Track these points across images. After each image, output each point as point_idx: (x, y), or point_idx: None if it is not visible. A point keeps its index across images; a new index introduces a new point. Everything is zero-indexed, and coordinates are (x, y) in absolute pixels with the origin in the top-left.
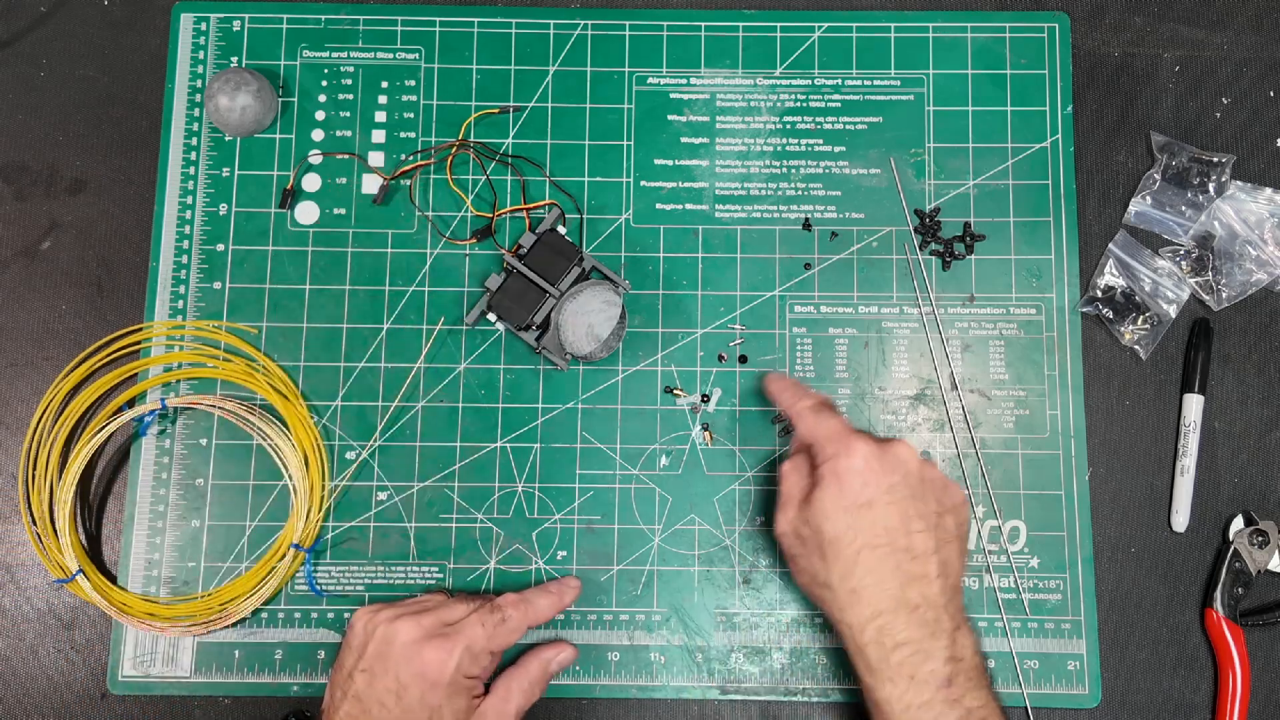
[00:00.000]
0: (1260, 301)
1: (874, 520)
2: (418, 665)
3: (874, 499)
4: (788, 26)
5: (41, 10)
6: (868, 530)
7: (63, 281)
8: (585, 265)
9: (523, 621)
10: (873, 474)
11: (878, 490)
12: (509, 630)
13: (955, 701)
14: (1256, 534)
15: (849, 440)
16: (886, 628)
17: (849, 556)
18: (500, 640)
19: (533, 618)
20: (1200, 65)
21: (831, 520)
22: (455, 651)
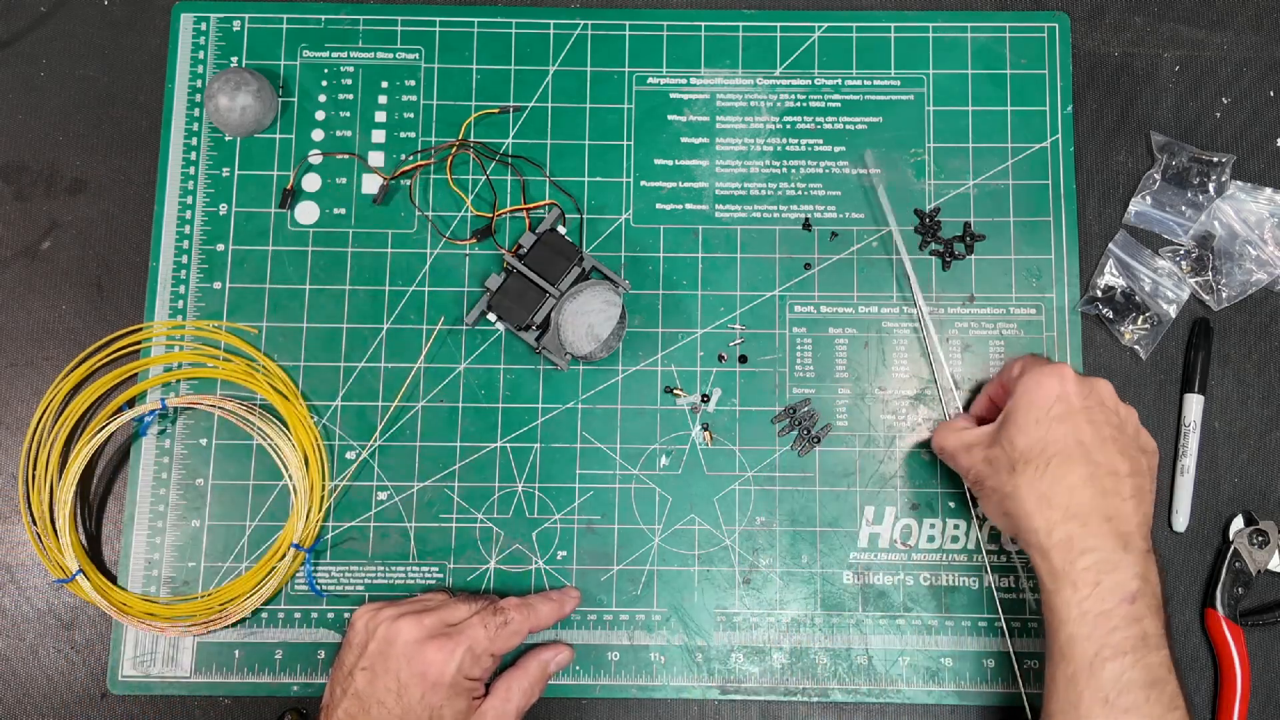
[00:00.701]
0: (1260, 301)
1: (1068, 433)
2: (419, 665)
3: (1070, 415)
4: (788, 26)
5: (41, 10)
6: (1060, 440)
7: (63, 281)
8: (585, 265)
9: (524, 625)
10: (1072, 395)
11: (1075, 409)
12: (511, 633)
13: (1136, 620)
14: (1256, 534)
15: (1052, 365)
16: (1076, 534)
17: (1039, 464)
18: (502, 643)
19: (534, 622)
20: (1200, 65)
21: (1025, 433)
22: (457, 652)
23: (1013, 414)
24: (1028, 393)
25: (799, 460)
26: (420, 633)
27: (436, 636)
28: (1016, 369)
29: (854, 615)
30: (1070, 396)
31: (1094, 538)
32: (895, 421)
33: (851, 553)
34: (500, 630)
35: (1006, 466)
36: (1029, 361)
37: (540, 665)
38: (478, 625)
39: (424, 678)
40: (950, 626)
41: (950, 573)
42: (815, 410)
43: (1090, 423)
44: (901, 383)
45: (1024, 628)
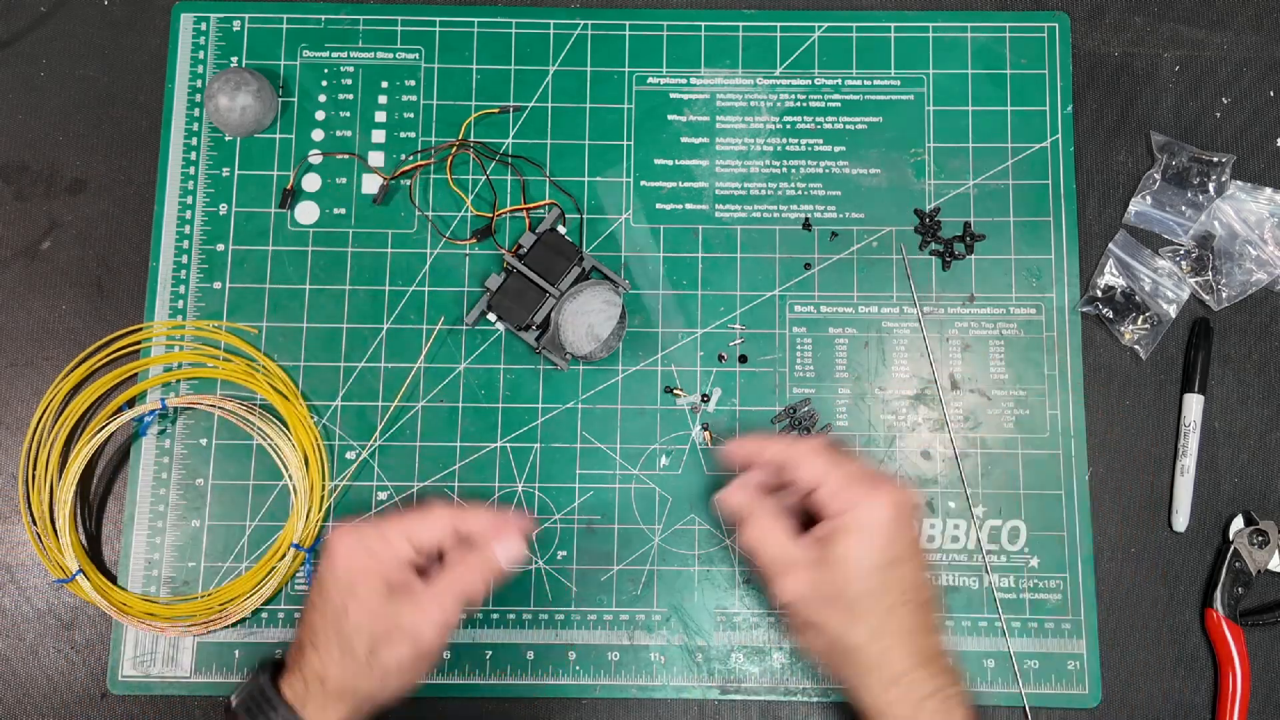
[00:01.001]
0: (1260, 301)
1: (904, 575)
2: (326, 559)
3: (902, 555)
4: (788, 26)
5: (41, 10)
6: (897, 586)
7: (63, 281)
8: (585, 265)
9: (446, 516)
10: (901, 525)
11: (904, 546)
12: (427, 520)
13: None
14: (1256, 534)
15: (874, 486)
16: (916, 681)
17: (881, 613)
18: (415, 527)
19: (459, 521)
20: (1200, 65)
21: (861, 579)
22: (357, 532)
23: (848, 556)
24: (865, 529)
25: None
26: (337, 534)
27: (347, 530)
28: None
29: None
30: (902, 529)
31: (930, 680)
32: (895, 421)
33: None
34: (416, 515)
35: (844, 610)
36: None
37: (481, 563)
38: (392, 513)
39: (332, 572)
40: (950, 626)
41: (950, 573)
42: (815, 410)
43: (916, 554)
44: (901, 383)
45: (1024, 628)
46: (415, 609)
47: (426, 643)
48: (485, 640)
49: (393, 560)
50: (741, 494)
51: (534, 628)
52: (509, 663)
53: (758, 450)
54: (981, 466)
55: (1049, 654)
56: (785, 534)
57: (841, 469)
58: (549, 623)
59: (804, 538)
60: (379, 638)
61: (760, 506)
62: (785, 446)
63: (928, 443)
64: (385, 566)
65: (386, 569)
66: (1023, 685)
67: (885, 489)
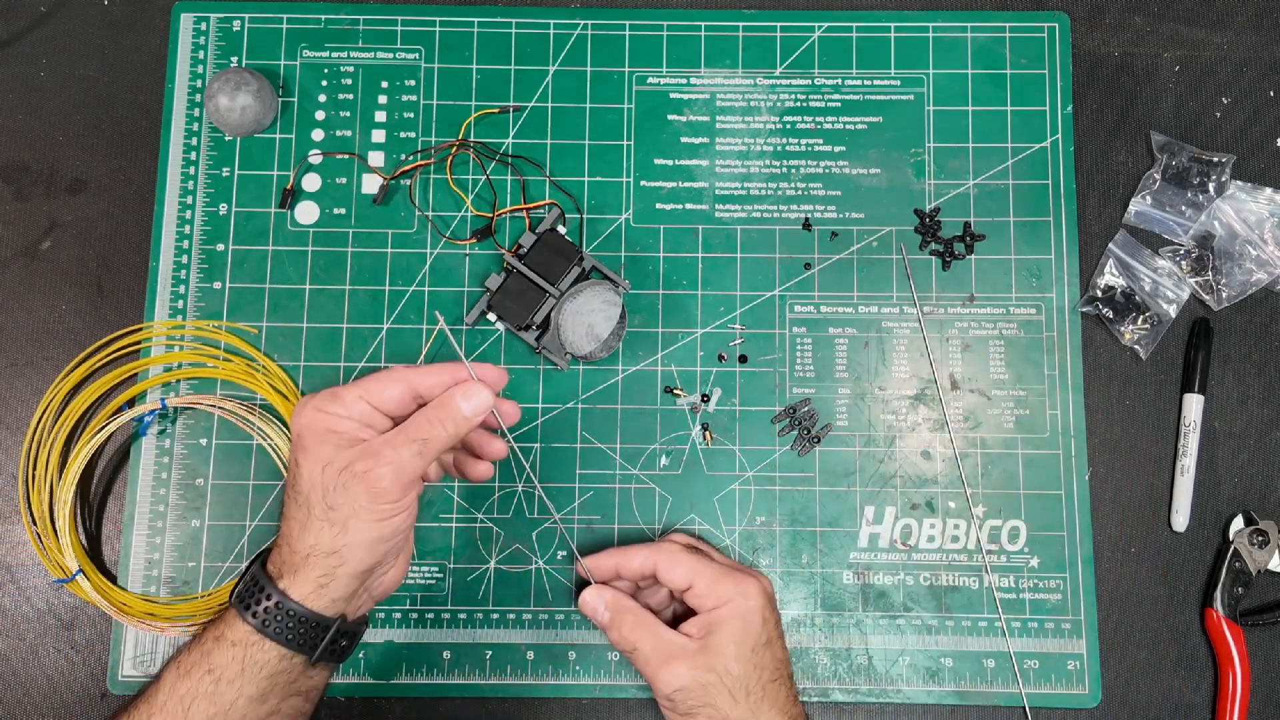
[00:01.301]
0: (1260, 301)
1: (775, 654)
2: (294, 424)
3: (772, 636)
4: (788, 26)
5: (41, 10)
6: (771, 664)
7: (63, 281)
8: (585, 265)
9: (402, 373)
10: (769, 610)
11: (773, 627)
12: (383, 379)
13: None
14: (1256, 534)
15: (741, 580)
16: None
17: (757, 693)
18: (371, 386)
19: (415, 380)
20: (1200, 65)
21: (741, 662)
22: (314, 398)
23: (726, 644)
24: (740, 618)
25: (799, 460)
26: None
27: None
28: (692, 566)
29: (854, 615)
30: (769, 614)
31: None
32: (895, 421)
33: (851, 553)
34: (374, 375)
35: (726, 690)
36: (719, 572)
37: (447, 402)
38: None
39: (296, 433)
40: (950, 626)
41: (950, 573)
42: (815, 410)
43: (780, 635)
44: (901, 383)
45: (1024, 628)
46: (368, 454)
47: (383, 488)
48: (485, 640)
49: (346, 418)
50: (608, 594)
51: (534, 628)
52: (509, 663)
53: (622, 563)
54: (981, 466)
55: (1049, 654)
56: (658, 625)
57: (708, 568)
58: (549, 623)
59: (683, 629)
60: (332, 486)
61: (629, 604)
62: (647, 554)
63: (928, 443)
64: (338, 423)
65: (339, 424)
66: (1023, 685)
67: (751, 581)
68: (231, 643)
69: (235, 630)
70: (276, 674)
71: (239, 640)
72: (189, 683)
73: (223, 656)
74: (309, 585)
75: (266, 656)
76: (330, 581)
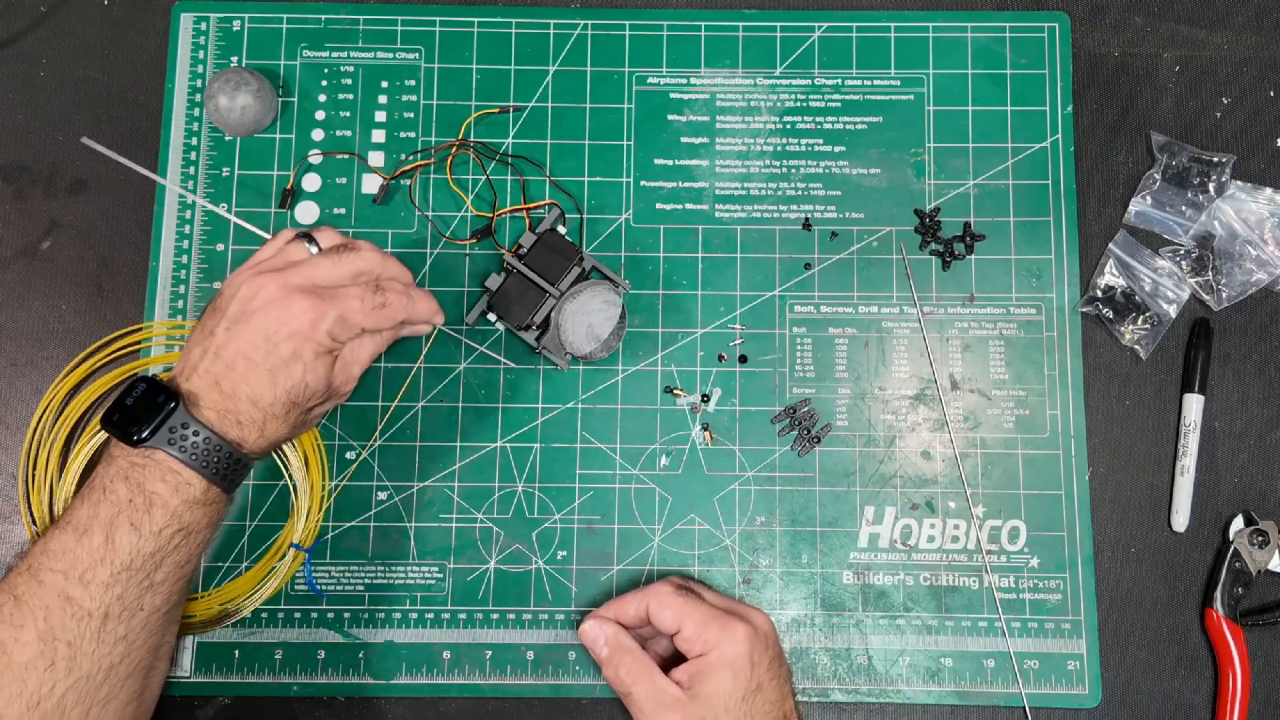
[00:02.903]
0: (1260, 301)
1: (767, 697)
2: (286, 318)
3: (763, 680)
4: (788, 26)
5: (41, 10)
6: (762, 709)
7: (63, 281)
8: (585, 265)
9: (400, 313)
10: (758, 654)
11: (764, 670)
12: (385, 315)
13: None
14: (1256, 534)
15: (728, 625)
16: None
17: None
18: (374, 320)
19: (411, 311)
20: (1200, 65)
21: (731, 712)
22: (329, 314)
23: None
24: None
25: (799, 460)
26: (283, 289)
27: (305, 292)
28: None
29: (854, 615)
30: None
31: None
32: (895, 421)
33: (851, 553)
34: (375, 309)
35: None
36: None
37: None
38: (354, 297)
39: (293, 331)
40: (950, 626)
41: (950, 573)
42: (815, 410)
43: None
44: (901, 383)
45: (1024, 628)
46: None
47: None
48: (485, 640)
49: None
50: (609, 630)
51: (534, 628)
52: (509, 663)
53: (617, 613)
54: (981, 466)
55: (1049, 654)
56: (654, 672)
57: (696, 611)
58: (549, 623)
59: (673, 676)
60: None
61: (630, 645)
62: (640, 599)
63: (928, 443)
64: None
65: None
66: (1023, 685)
67: (738, 625)
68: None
69: (157, 467)
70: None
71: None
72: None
73: (167, 498)
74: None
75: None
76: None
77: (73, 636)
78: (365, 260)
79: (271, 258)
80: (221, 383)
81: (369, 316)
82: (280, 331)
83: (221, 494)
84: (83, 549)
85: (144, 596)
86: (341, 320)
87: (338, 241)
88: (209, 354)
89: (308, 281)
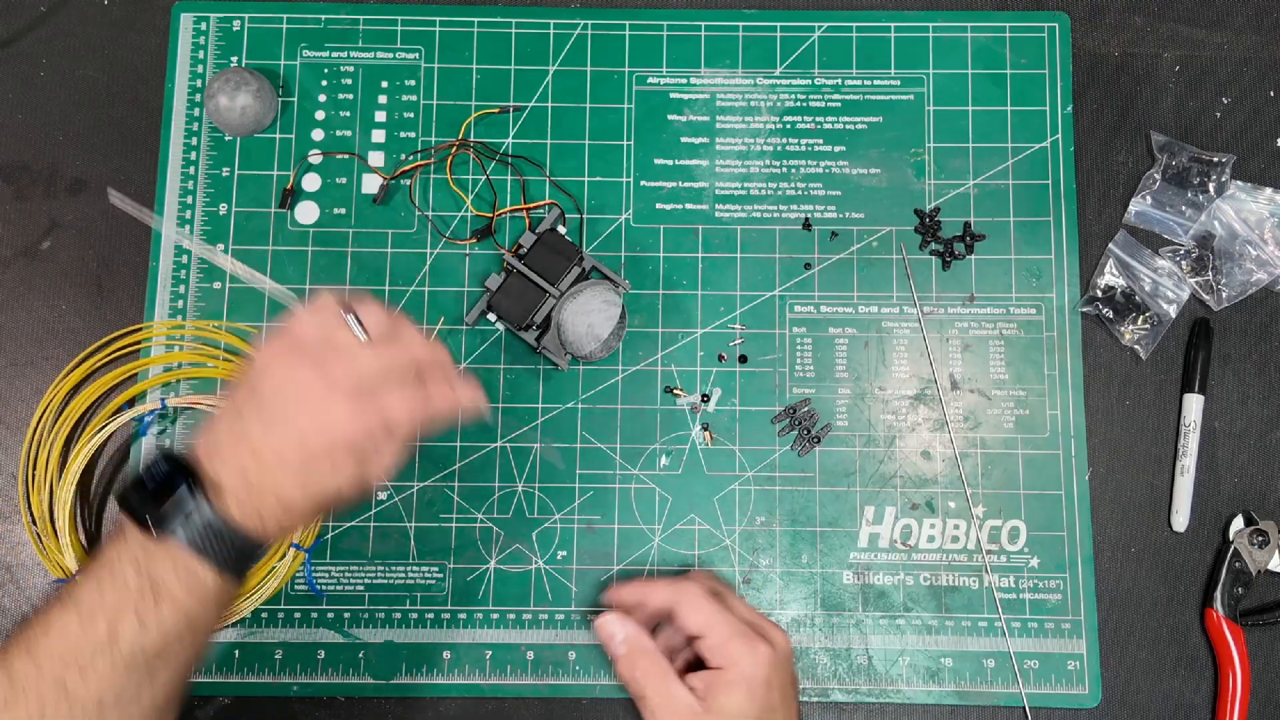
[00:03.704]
0: (1260, 301)
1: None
2: (326, 423)
3: (776, 704)
4: (788, 26)
5: (41, 10)
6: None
7: (63, 281)
8: (585, 265)
9: (446, 411)
10: (776, 677)
11: (778, 695)
12: (429, 416)
13: None
14: (1256, 534)
15: (753, 643)
16: None
17: None
18: (419, 426)
19: (455, 406)
20: (1200, 65)
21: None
22: (371, 422)
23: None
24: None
25: (799, 460)
26: (327, 387)
27: (349, 396)
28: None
29: (854, 615)
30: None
31: None
32: (895, 421)
33: (851, 553)
34: (421, 407)
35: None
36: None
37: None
38: (398, 401)
39: (332, 439)
40: (950, 626)
41: (950, 573)
42: (815, 410)
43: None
44: (901, 383)
45: (1024, 628)
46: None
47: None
48: (485, 640)
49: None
50: (630, 628)
51: (534, 628)
52: (509, 663)
53: (643, 597)
54: (981, 466)
55: (1049, 654)
56: (670, 677)
57: (724, 622)
58: (549, 623)
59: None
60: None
61: (648, 646)
62: (670, 593)
63: (928, 443)
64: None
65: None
66: (1023, 685)
67: (762, 646)
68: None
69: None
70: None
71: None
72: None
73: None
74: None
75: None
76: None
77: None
78: (411, 350)
79: (312, 334)
80: (249, 476)
81: (412, 423)
82: (318, 437)
83: (233, 582)
84: (85, 636)
85: (143, 689)
86: (385, 428)
87: (382, 320)
88: (239, 442)
89: (351, 379)
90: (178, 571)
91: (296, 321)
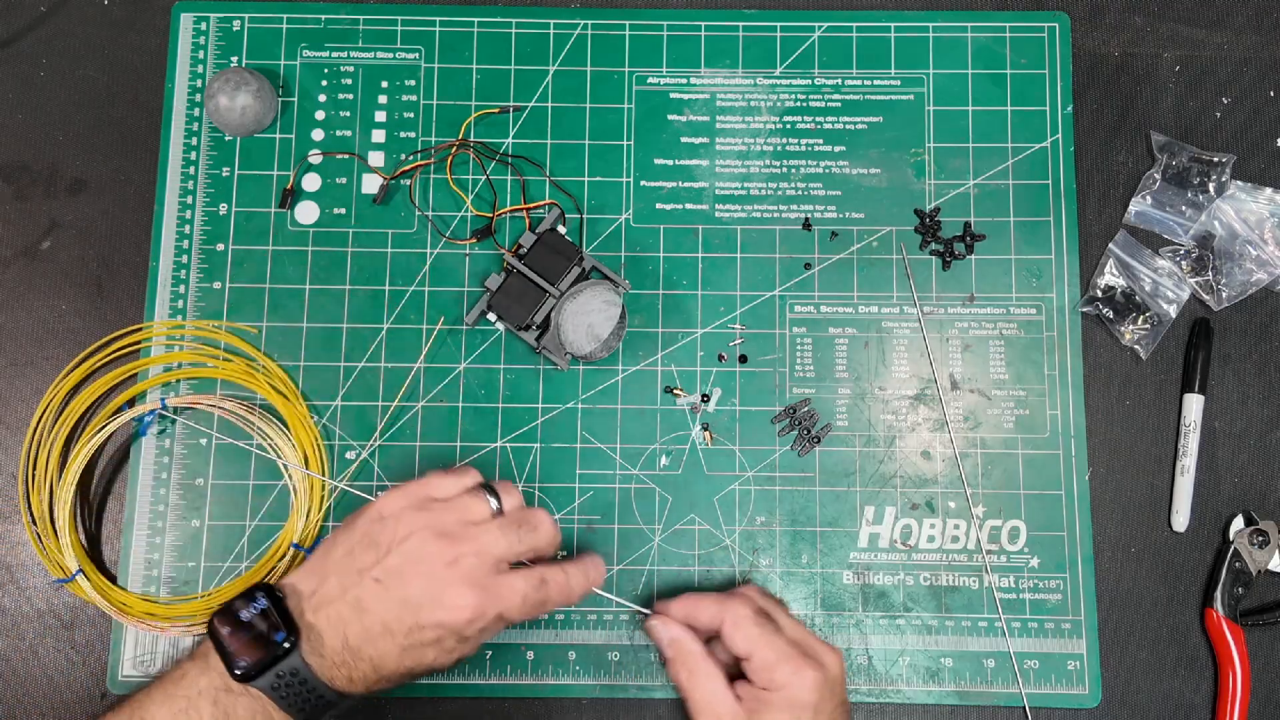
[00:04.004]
0: (1260, 301)
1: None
2: (444, 604)
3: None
4: (788, 26)
5: (41, 10)
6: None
7: (63, 281)
8: (585, 265)
9: (557, 605)
10: (824, 703)
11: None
12: (542, 604)
13: None
14: (1256, 534)
15: (800, 668)
16: None
17: None
18: (531, 612)
19: (567, 600)
20: (1200, 65)
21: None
22: (488, 614)
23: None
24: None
25: (799, 460)
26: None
27: (473, 585)
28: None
29: (854, 615)
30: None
31: None
32: (895, 421)
33: (851, 553)
34: (536, 605)
35: None
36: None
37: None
38: (518, 596)
39: (444, 622)
40: (950, 626)
41: (950, 573)
42: (815, 410)
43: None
44: (901, 383)
45: (1024, 628)
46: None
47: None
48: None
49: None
50: (678, 631)
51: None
52: (509, 663)
53: (690, 614)
54: (981, 466)
55: (1049, 654)
56: (719, 685)
57: (770, 645)
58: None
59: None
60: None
61: (693, 650)
62: (716, 612)
63: (928, 443)
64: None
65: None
66: (1023, 685)
67: (810, 671)
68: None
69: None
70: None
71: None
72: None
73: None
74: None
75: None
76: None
77: None
78: (542, 539)
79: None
80: (350, 638)
81: (526, 611)
82: (431, 617)
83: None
84: None
85: None
86: (499, 620)
87: (519, 507)
88: (350, 601)
89: (481, 564)
90: (255, 716)
91: (433, 481)
